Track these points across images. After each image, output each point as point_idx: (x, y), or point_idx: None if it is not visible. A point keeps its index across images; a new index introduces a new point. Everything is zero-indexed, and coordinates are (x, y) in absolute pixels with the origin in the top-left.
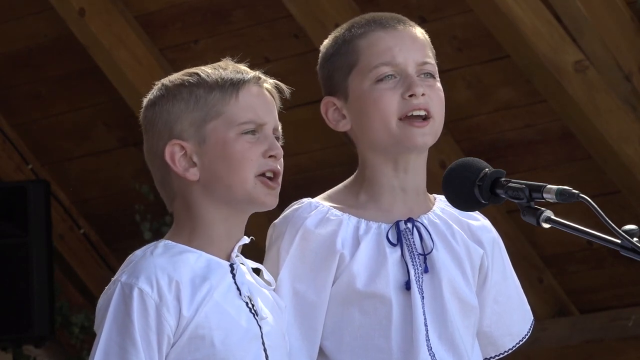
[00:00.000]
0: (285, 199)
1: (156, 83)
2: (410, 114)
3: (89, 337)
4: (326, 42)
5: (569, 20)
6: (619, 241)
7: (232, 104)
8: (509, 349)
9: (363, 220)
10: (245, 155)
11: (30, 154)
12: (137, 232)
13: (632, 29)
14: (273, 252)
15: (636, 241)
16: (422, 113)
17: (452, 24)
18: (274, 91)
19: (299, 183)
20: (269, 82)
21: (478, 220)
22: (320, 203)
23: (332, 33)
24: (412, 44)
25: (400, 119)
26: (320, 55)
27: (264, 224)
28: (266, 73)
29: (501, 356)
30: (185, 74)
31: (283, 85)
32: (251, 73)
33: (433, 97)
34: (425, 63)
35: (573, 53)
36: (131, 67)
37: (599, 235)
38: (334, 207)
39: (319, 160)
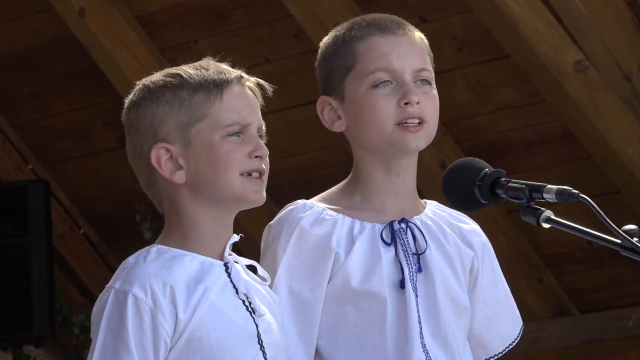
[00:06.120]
0: (285, 199)
1: (137, 83)
2: (405, 121)
3: (89, 337)
4: (326, 39)
5: (569, 20)
6: (619, 241)
7: (217, 105)
8: (499, 353)
9: (357, 220)
10: (231, 156)
11: (30, 154)
12: (137, 232)
13: (632, 29)
14: (270, 253)
15: (636, 241)
16: (417, 121)
17: (452, 24)
18: (256, 89)
19: (299, 183)
20: (250, 81)
21: (468, 224)
22: (315, 204)
23: (333, 31)
24: (410, 49)
25: (396, 124)
26: (319, 52)
27: (264, 222)
28: (266, 73)
29: None
30: (167, 75)
31: (265, 83)
32: (233, 73)
33: (428, 104)
34: (422, 70)
35: (573, 53)
36: (131, 67)
37: (599, 235)
38: (329, 208)
39: (319, 160)
